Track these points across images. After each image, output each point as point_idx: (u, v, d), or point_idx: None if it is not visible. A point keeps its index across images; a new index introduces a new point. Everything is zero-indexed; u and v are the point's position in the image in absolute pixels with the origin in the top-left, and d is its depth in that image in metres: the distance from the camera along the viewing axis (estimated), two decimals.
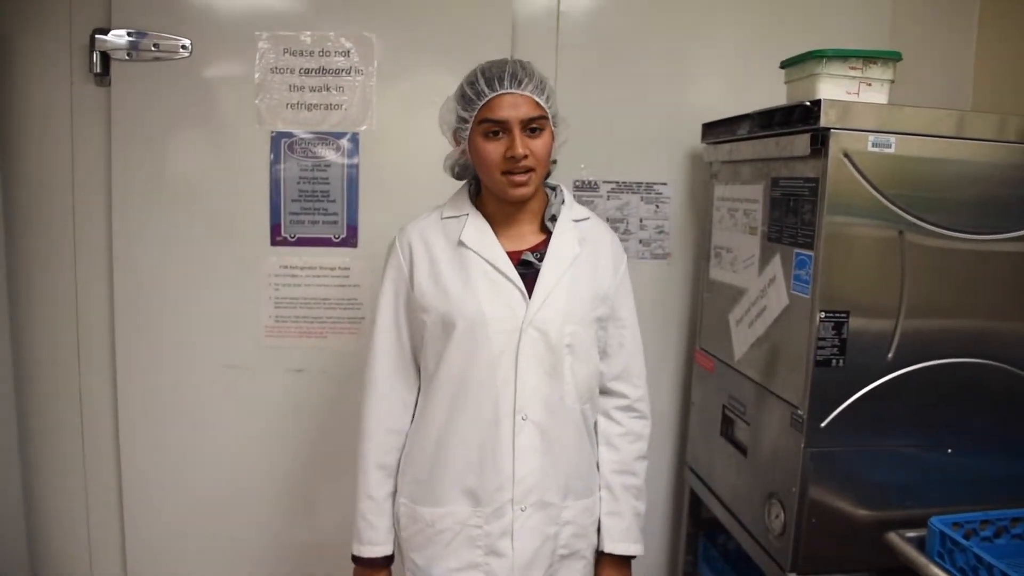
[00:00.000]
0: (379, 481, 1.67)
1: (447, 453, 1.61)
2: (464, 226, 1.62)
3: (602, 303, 1.67)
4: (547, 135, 1.58)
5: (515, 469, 1.58)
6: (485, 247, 1.61)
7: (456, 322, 1.57)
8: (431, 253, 1.62)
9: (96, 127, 2.32)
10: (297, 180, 2.33)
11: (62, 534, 2.50)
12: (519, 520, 1.59)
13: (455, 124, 1.59)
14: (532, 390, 1.58)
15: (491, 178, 1.57)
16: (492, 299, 1.58)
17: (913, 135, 1.68)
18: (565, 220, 1.67)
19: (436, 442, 1.62)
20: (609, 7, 2.46)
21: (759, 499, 1.91)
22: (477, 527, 1.60)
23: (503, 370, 1.57)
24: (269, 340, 2.38)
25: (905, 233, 1.69)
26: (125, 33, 2.25)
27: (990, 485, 1.79)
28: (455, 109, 1.58)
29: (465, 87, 1.57)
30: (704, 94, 2.50)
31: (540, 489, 1.60)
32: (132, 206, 2.32)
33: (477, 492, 1.59)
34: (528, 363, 1.57)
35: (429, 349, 1.62)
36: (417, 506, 1.65)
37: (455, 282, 1.59)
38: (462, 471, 1.60)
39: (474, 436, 1.59)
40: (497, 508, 1.59)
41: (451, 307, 1.58)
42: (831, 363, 1.70)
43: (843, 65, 1.80)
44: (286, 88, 2.31)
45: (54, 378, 2.43)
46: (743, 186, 2.07)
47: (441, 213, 1.67)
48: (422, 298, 1.61)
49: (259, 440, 2.42)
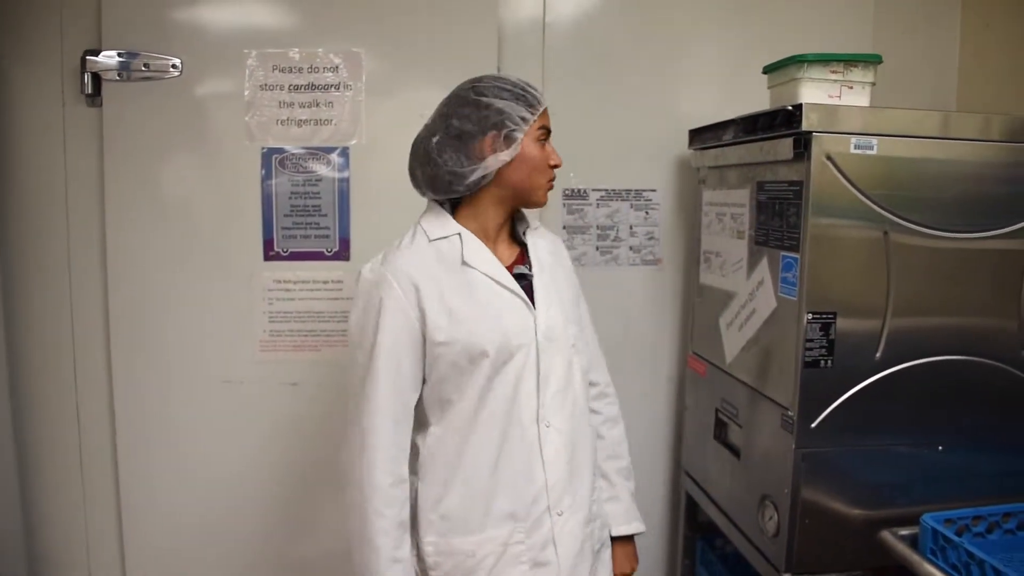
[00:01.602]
0: (401, 539, 1.53)
1: (480, 482, 1.55)
2: (462, 246, 1.57)
3: (579, 301, 1.76)
4: None
5: (547, 477, 1.57)
6: (488, 265, 1.57)
7: (486, 348, 1.52)
8: (436, 282, 1.53)
9: (89, 147, 2.33)
10: (289, 195, 2.35)
11: (62, 551, 2.50)
12: (558, 526, 1.58)
13: (515, 125, 1.53)
14: (551, 397, 1.58)
15: (535, 183, 1.59)
16: (509, 317, 1.56)
17: (895, 136, 1.70)
18: (532, 231, 1.71)
19: (466, 475, 1.56)
20: (593, 17, 2.49)
21: (753, 501, 1.92)
22: (519, 543, 1.56)
23: (526, 384, 1.56)
24: (263, 354, 2.39)
25: (890, 233, 1.71)
26: (116, 54, 2.27)
27: (981, 481, 1.80)
28: (510, 109, 1.53)
29: (520, 91, 1.55)
30: (691, 101, 2.52)
31: (571, 492, 1.60)
32: (126, 224, 2.33)
33: (515, 509, 1.56)
34: (547, 371, 1.58)
35: (447, 382, 1.55)
36: (452, 539, 1.56)
37: (470, 307, 1.53)
38: (498, 496, 1.55)
39: (506, 459, 1.56)
40: (536, 520, 1.57)
41: (474, 334, 1.52)
42: (820, 364, 1.72)
43: (824, 69, 1.82)
44: (276, 104, 2.33)
45: (51, 394, 2.43)
46: (730, 191, 2.09)
47: (426, 236, 1.58)
48: (437, 333, 1.51)
49: (254, 454, 2.42)
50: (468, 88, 1.57)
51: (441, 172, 1.55)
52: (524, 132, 1.54)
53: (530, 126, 1.54)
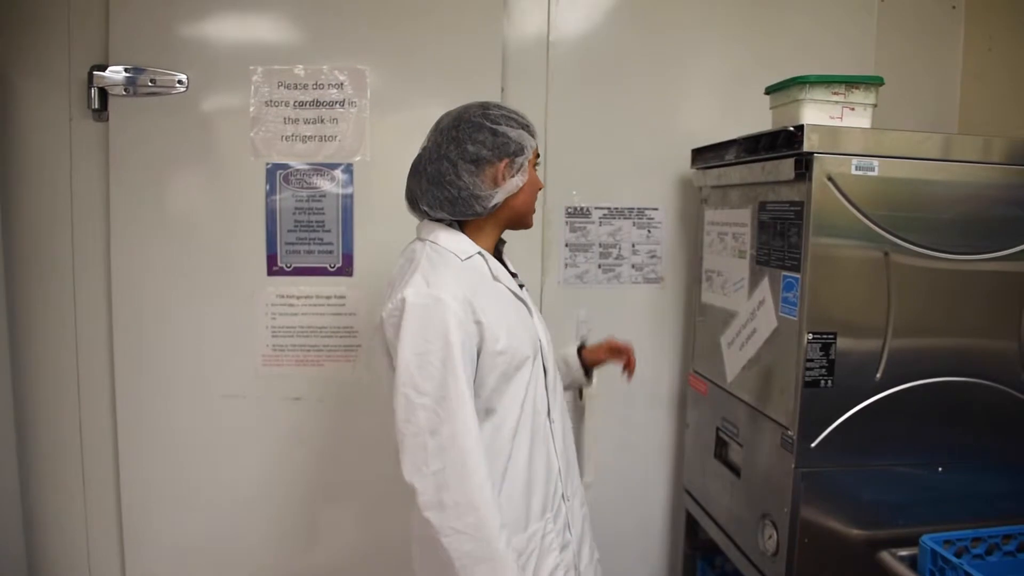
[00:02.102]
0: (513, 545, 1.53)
1: (521, 479, 1.61)
2: (487, 263, 1.65)
3: None
4: None
5: (559, 467, 1.70)
6: (508, 280, 1.69)
7: (527, 353, 1.61)
8: (484, 298, 1.57)
9: (95, 161, 2.35)
10: (293, 211, 2.36)
11: (63, 565, 2.50)
12: (570, 510, 1.72)
13: (523, 154, 1.63)
14: (553, 392, 1.72)
15: (530, 206, 1.70)
16: (528, 324, 1.67)
17: (896, 158, 1.71)
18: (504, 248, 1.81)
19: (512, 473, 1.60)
20: (598, 35, 2.50)
21: (753, 520, 1.92)
22: (551, 532, 1.65)
23: (539, 385, 1.67)
24: (266, 369, 2.40)
25: (890, 254, 1.72)
26: (123, 69, 2.29)
27: (981, 502, 1.80)
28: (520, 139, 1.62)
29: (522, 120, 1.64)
30: (694, 120, 2.53)
31: (571, 477, 1.76)
32: (131, 238, 2.35)
33: (545, 501, 1.65)
34: (552, 370, 1.73)
35: (500, 390, 1.58)
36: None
37: (509, 318, 1.61)
38: (534, 489, 1.63)
39: (535, 452, 1.64)
40: (557, 507, 1.69)
41: (518, 343, 1.59)
42: (820, 384, 1.72)
43: (826, 90, 1.84)
44: (281, 120, 2.34)
45: (54, 408, 2.44)
46: (732, 210, 2.10)
47: (457, 254, 1.61)
48: (495, 343, 1.54)
49: (256, 467, 2.42)
50: (480, 115, 1.61)
51: (463, 195, 1.59)
52: (527, 160, 1.64)
53: (530, 154, 1.65)
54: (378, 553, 2.38)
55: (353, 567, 2.45)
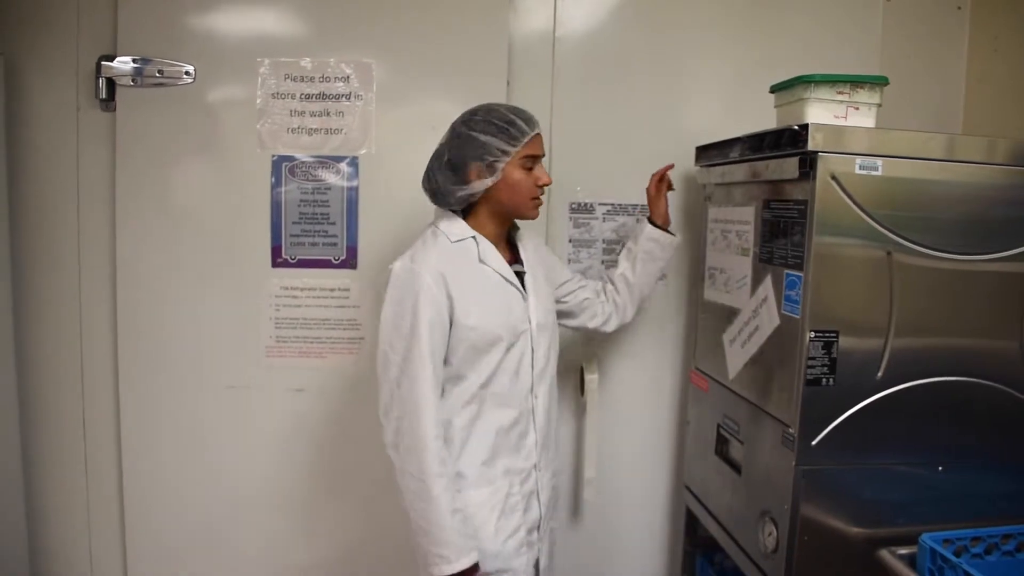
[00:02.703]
0: (453, 494, 1.76)
1: (488, 442, 1.84)
2: (479, 248, 1.85)
3: (553, 286, 2.07)
4: None
5: (536, 439, 1.91)
6: (498, 264, 1.86)
7: (500, 333, 1.81)
8: (459, 276, 1.79)
9: (101, 151, 2.36)
10: (298, 203, 2.37)
11: (65, 554, 2.52)
12: (541, 480, 1.93)
13: (493, 157, 1.79)
14: (540, 372, 1.91)
15: (521, 203, 1.85)
16: (514, 308, 1.86)
17: (900, 158, 1.71)
18: (520, 235, 2.01)
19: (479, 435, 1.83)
20: (604, 32, 2.51)
21: (753, 517, 1.93)
22: (516, 494, 1.87)
23: (525, 361, 1.87)
24: (270, 360, 2.41)
25: (893, 254, 1.72)
26: (130, 60, 2.30)
27: (981, 502, 1.81)
28: (491, 144, 1.78)
29: (504, 125, 1.79)
30: (698, 117, 2.53)
31: (547, 451, 1.96)
32: (136, 229, 2.36)
33: (514, 466, 1.88)
34: (538, 351, 1.90)
35: (464, 361, 1.81)
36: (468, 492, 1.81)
37: (488, 298, 1.82)
38: (502, 453, 1.85)
39: (511, 421, 1.86)
40: (526, 474, 1.90)
41: (492, 321, 1.80)
42: (821, 382, 1.73)
43: (831, 90, 1.84)
44: (287, 113, 2.35)
45: (58, 397, 2.45)
46: (735, 208, 2.10)
47: (447, 237, 1.84)
48: (466, 318, 1.77)
49: (260, 459, 2.44)
50: (463, 122, 1.83)
51: (440, 189, 1.85)
52: (506, 161, 1.80)
53: (512, 156, 1.80)
54: (380, 543, 2.40)
55: (355, 557, 2.46)
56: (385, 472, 2.40)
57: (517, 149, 1.80)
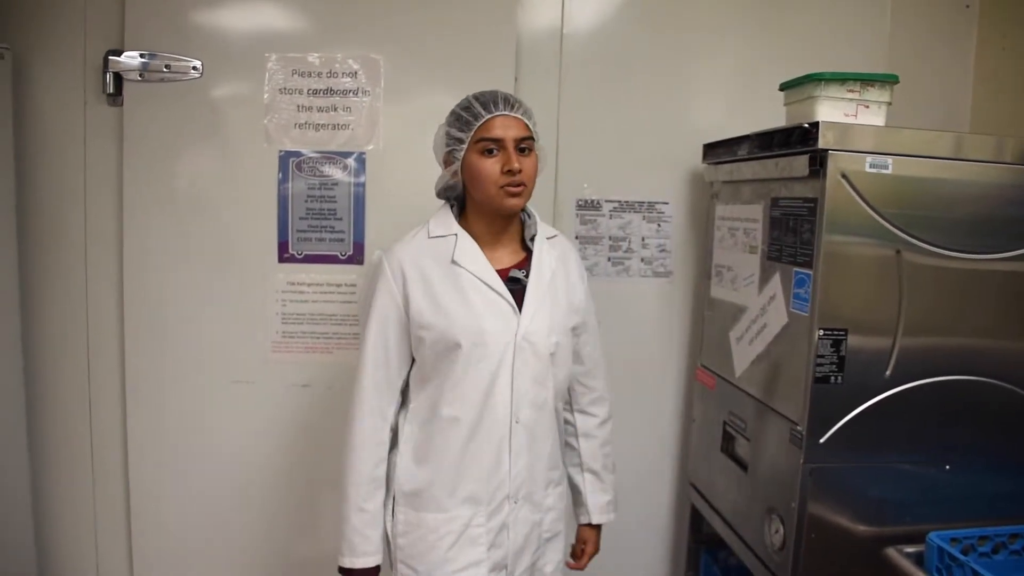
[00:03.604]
0: (370, 493, 1.71)
1: (448, 463, 1.70)
2: (455, 246, 1.71)
3: (575, 313, 1.82)
4: (534, 156, 1.70)
5: (511, 467, 1.72)
6: (477, 266, 1.70)
7: (459, 340, 1.65)
8: (424, 273, 1.69)
9: (108, 146, 2.36)
10: (304, 198, 2.37)
11: (71, 548, 2.52)
12: (513, 513, 1.74)
13: (450, 146, 1.69)
14: (523, 395, 1.70)
15: (487, 193, 1.65)
16: (489, 316, 1.68)
17: (910, 156, 1.71)
18: (541, 239, 1.79)
19: (438, 454, 1.71)
20: (612, 29, 2.51)
21: (759, 515, 1.93)
22: (480, 526, 1.71)
23: (501, 380, 1.68)
24: (276, 355, 2.41)
25: (902, 252, 1.72)
26: (138, 55, 2.29)
27: (988, 501, 1.81)
28: (448, 132, 1.69)
29: (460, 111, 1.68)
30: (705, 115, 2.53)
31: (529, 483, 1.75)
32: (143, 224, 2.36)
33: (478, 494, 1.71)
34: (521, 372, 1.69)
35: (427, 365, 1.71)
36: (420, 513, 1.72)
37: (453, 301, 1.67)
38: (464, 478, 1.70)
39: (475, 445, 1.69)
40: (497, 505, 1.72)
41: (452, 325, 1.65)
42: (830, 380, 1.73)
43: (841, 88, 1.84)
44: (294, 108, 2.35)
45: (64, 391, 2.45)
46: (743, 206, 2.10)
47: (428, 232, 1.74)
48: (420, 317, 1.67)
49: (265, 454, 2.44)
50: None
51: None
52: (464, 150, 1.67)
53: (467, 142, 1.66)
54: None
55: None
56: None
57: (470, 134, 1.65)
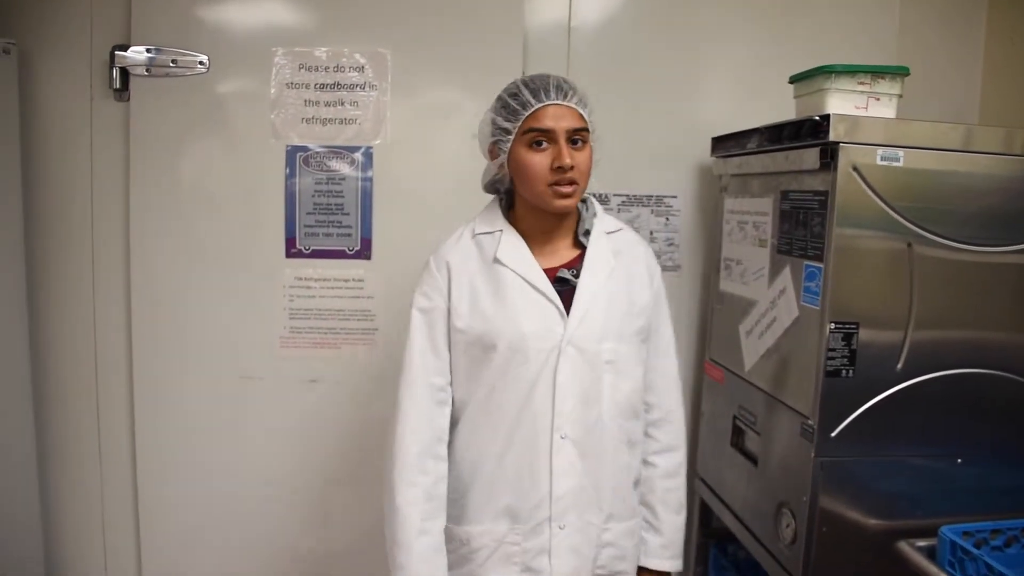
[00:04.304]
0: (431, 513, 1.58)
1: (485, 472, 1.59)
2: (499, 243, 1.60)
3: (639, 316, 1.66)
4: (589, 149, 1.56)
5: (553, 488, 1.56)
6: (521, 264, 1.58)
7: (496, 343, 1.55)
8: (468, 272, 1.59)
9: (115, 141, 2.36)
10: (312, 193, 2.36)
11: (78, 543, 2.53)
12: (557, 538, 1.57)
13: (496, 136, 1.56)
14: (571, 409, 1.56)
15: (535, 190, 1.53)
16: (530, 318, 1.55)
17: (921, 149, 1.70)
18: (599, 234, 1.64)
19: (473, 461, 1.60)
20: (619, 23, 2.50)
21: (770, 509, 1.92)
22: (515, 544, 1.58)
23: (541, 389, 1.55)
24: (284, 351, 2.41)
25: (913, 245, 1.71)
26: (144, 50, 2.29)
27: (1000, 495, 1.80)
28: (494, 120, 1.57)
29: (507, 98, 1.55)
30: (714, 108, 2.52)
31: (579, 508, 1.58)
32: (150, 219, 2.36)
33: (515, 510, 1.58)
34: (566, 381, 1.55)
35: (464, 369, 1.60)
36: (452, 525, 1.62)
37: (491, 301, 1.57)
38: (500, 490, 1.58)
39: (512, 455, 1.57)
40: (535, 526, 1.57)
41: (489, 327, 1.55)
42: (841, 374, 1.72)
43: (851, 80, 1.83)
44: (301, 103, 2.34)
45: (72, 388, 2.46)
46: (753, 199, 2.10)
47: (473, 230, 1.64)
48: (458, 319, 1.57)
49: (273, 449, 2.44)
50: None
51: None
52: (511, 141, 1.55)
53: (514, 133, 1.54)
54: None
55: (367, 549, 2.45)
56: None
57: (517, 124, 1.52)
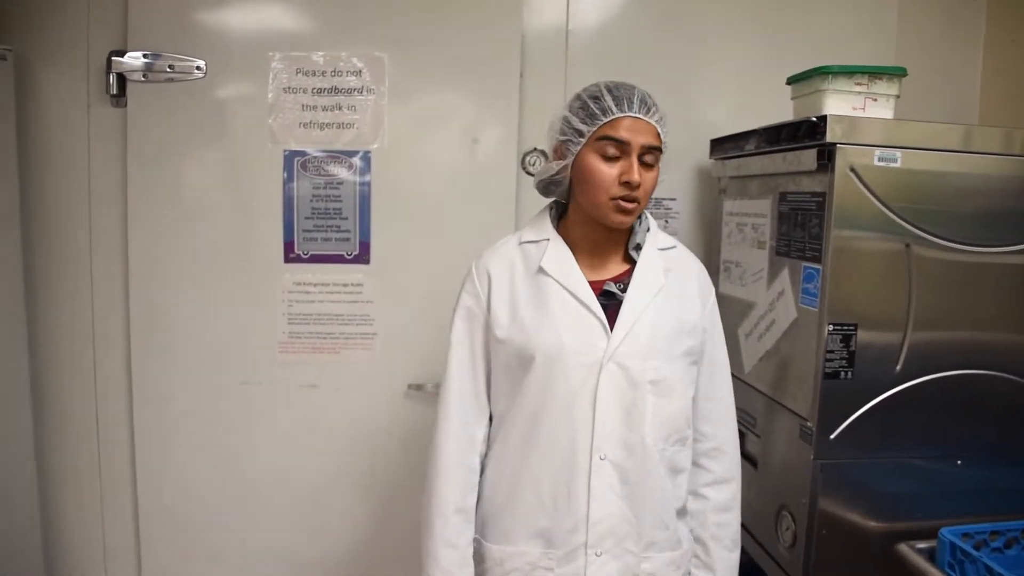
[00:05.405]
0: (460, 528, 1.53)
1: (520, 490, 1.52)
2: (544, 252, 1.55)
3: (689, 336, 1.57)
4: (656, 172, 1.52)
5: (590, 511, 1.48)
6: (566, 275, 1.52)
7: (534, 355, 1.48)
8: (511, 281, 1.54)
9: (112, 147, 2.35)
10: (310, 198, 2.36)
11: (78, 548, 2.52)
12: (593, 565, 1.49)
13: (566, 136, 1.50)
14: (611, 429, 1.48)
15: (596, 200, 1.47)
16: (571, 331, 1.49)
17: (918, 149, 1.71)
18: (650, 249, 1.58)
19: (510, 478, 1.54)
20: (617, 25, 2.49)
21: (769, 511, 1.92)
22: (548, 569, 1.50)
23: (581, 406, 1.48)
24: (283, 356, 2.40)
25: (912, 246, 1.71)
26: (141, 55, 2.29)
27: (999, 496, 1.80)
28: (568, 120, 1.50)
29: (588, 100, 1.49)
30: (712, 110, 2.51)
31: (618, 535, 1.50)
32: (148, 224, 2.35)
33: (550, 533, 1.51)
34: (607, 400, 1.48)
35: (503, 382, 1.55)
36: (486, 543, 1.56)
37: (532, 312, 1.51)
38: (535, 510, 1.51)
39: (548, 474, 1.50)
40: (570, 551, 1.50)
41: (528, 338, 1.49)
42: (840, 375, 1.72)
43: (849, 81, 1.83)
44: (299, 107, 2.34)
45: (71, 394, 2.45)
46: (751, 201, 2.10)
47: (520, 237, 1.60)
48: (498, 328, 1.52)
49: (272, 454, 2.43)
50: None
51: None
52: (582, 145, 1.48)
53: (587, 137, 1.47)
54: (392, 542, 2.40)
55: (366, 556, 2.46)
56: (397, 467, 2.40)
57: (593, 129, 1.46)
